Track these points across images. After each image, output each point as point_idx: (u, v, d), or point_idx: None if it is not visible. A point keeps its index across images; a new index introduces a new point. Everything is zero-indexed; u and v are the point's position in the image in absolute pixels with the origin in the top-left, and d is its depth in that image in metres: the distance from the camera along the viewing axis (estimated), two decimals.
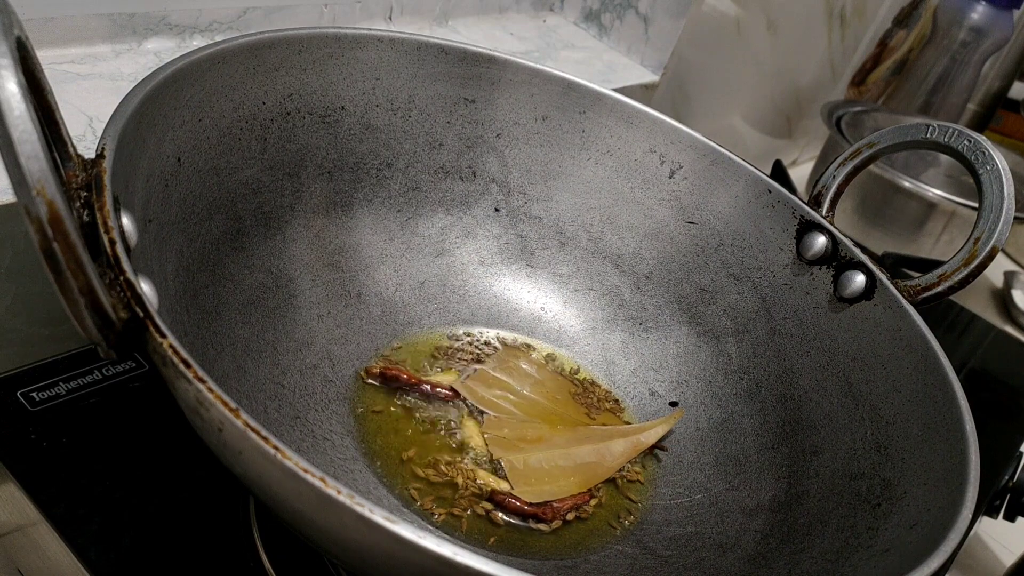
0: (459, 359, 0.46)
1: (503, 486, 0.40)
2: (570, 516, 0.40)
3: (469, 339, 0.47)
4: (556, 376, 0.47)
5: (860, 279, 0.43)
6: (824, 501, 0.38)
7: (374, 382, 0.42)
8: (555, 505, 0.39)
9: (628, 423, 0.46)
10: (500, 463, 0.41)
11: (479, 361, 0.46)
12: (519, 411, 0.44)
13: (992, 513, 0.57)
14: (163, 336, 0.24)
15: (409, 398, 0.43)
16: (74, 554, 0.34)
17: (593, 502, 0.41)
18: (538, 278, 0.51)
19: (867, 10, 0.99)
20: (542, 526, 0.39)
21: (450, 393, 0.43)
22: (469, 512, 0.38)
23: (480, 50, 0.47)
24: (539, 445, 0.42)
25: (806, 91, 1.01)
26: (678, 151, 0.49)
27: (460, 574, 0.21)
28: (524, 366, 0.46)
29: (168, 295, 0.32)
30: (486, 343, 0.48)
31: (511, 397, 0.44)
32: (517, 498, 0.39)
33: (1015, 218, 0.41)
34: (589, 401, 0.46)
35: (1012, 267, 0.98)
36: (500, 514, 0.38)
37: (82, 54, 0.48)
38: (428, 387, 0.43)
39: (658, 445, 0.45)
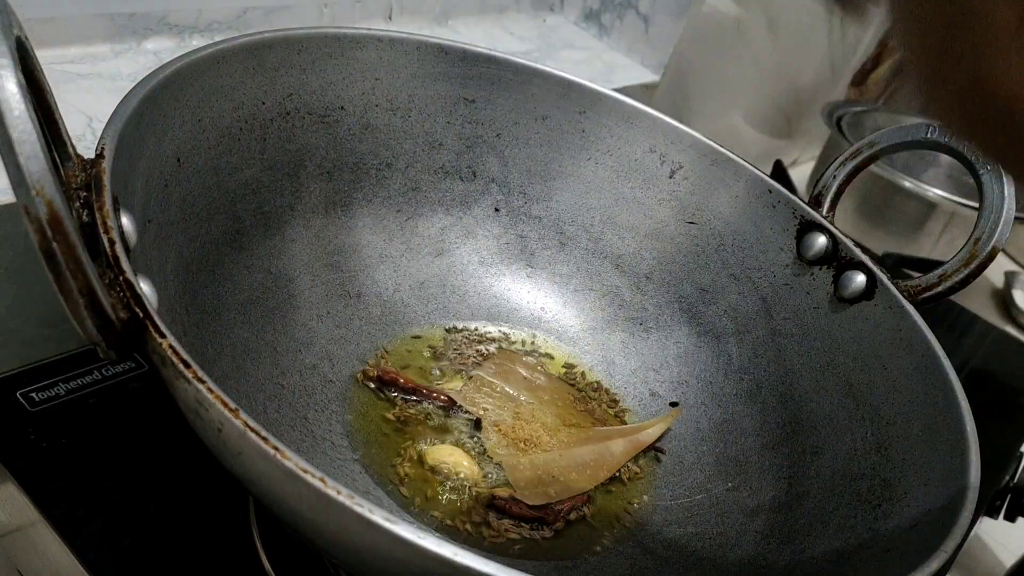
0: (458, 360, 0.46)
1: (503, 491, 0.40)
2: (573, 516, 0.40)
3: (469, 339, 0.47)
4: (553, 378, 0.47)
5: (860, 279, 0.43)
6: (824, 501, 0.38)
7: (371, 385, 0.42)
8: (555, 507, 0.39)
9: (627, 424, 0.46)
10: (500, 466, 0.41)
11: (478, 363, 0.46)
12: (517, 415, 0.44)
13: (993, 514, 0.57)
14: (162, 336, 0.24)
15: (407, 401, 0.42)
16: (74, 554, 0.34)
17: (593, 508, 0.41)
18: (538, 278, 0.50)
19: (868, 10, 0.99)
20: (545, 530, 0.39)
21: (447, 400, 0.43)
22: (469, 515, 0.38)
23: (480, 50, 0.47)
24: (539, 448, 0.42)
25: (806, 91, 1.01)
26: (678, 151, 0.49)
27: (459, 574, 0.21)
28: (521, 370, 0.46)
29: (168, 295, 0.32)
30: (485, 343, 0.48)
31: (509, 402, 0.44)
32: (519, 502, 0.39)
33: (1015, 218, 0.41)
34: (588, 402, 0.46)
35: (1013, 267, 0.98)
36: (502, 519, 0.38)
37: (82, 54, 0.48)
38: (424, 391, 0.43)
39: (657, 447, 0.44)
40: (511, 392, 0.45)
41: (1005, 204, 0.40)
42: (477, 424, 0.42)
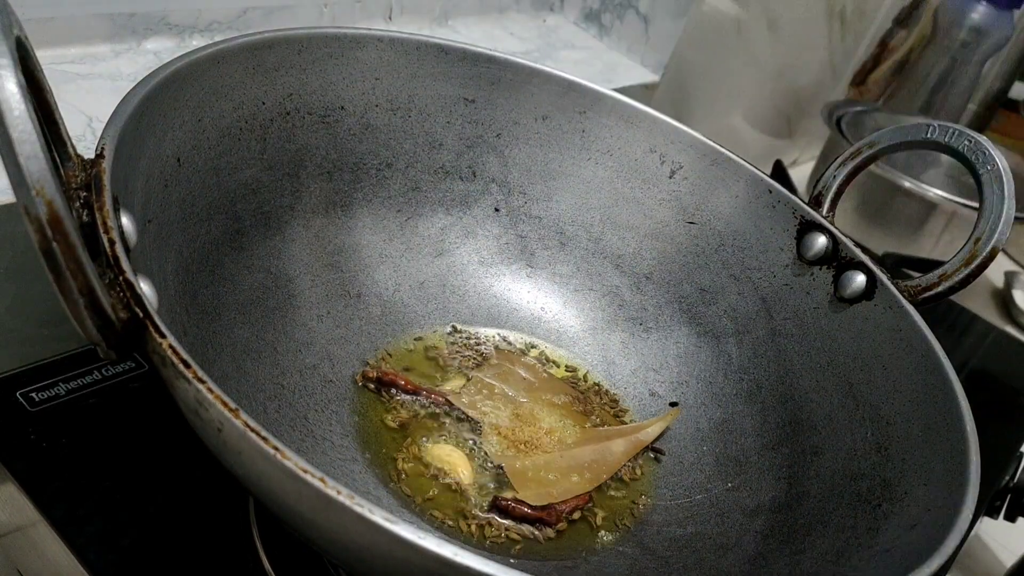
0: (458, 361, 0.46)
1: (505, 492, 0.40)
2: (575, 516, 0.40)
3: (468, 339, 0.47)
4: (553, 379, 0.47)
5: (860, 279, 0.43)
6: (824, 502, 0.38)
7: (370, 387, 0.42)
8: (558, 507, 0.39)
9: (627, 424, 0.46)
10: (501, 467, 0.41)
11: (478, 364, 0.46)
12: (517, 416, 0.44)
13: (993, 513, 0.57)
14: (162, 336, 0.24)
15: (407, 402, 0.42)
16: (73, 555, 0.34)
17: (595, 506, 0.41)
18: (538, 278, 0.50)
19: (867, 10, 0.99)
20: (548, 530, 0.39)
21: (447, 401, 0.43)
22: (470, 516, 0.38)
23: (480, 50, 0.47)
24: (539, 449, 0.42)
25: (806, 91, 1.01)
26: (678, 151, 0.49)
27: (460, 574, 0.21)
28: (520, 371, 0.46)
29: (168, 295, 0.32)
30: (485, 344, 0.48)
31: (508, 404, 0.44)
32: (521, 502, 0.39)
33: (1015, 218, 0.41)
34: (588, 403, 0.46)
35: (1013, 267, 0.98)
36: (504, 519, 0.38)
37: (82, 54, 0.48)
38: (424, 392, 0.43)
39: (656, 448, 0.44)
40: (510, 393, 0.45)
41: (1005, 204, 0.40)
42: (477, 426, 0.42)
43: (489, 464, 0.41)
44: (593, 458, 0.42)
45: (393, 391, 0.42)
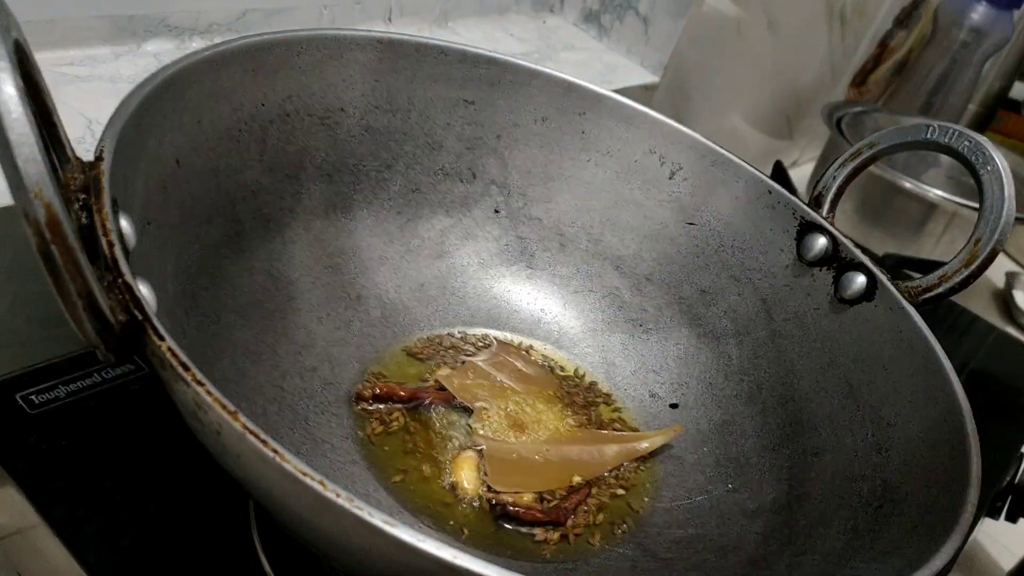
0: (457, 362, 0.46)
1: (509, 497, 0.39)
2: (584, 508, 0.40)
3: (468, 341, 0.47)
4: (550, 373, 0.47)
5: (861, 280, 0.43)
6: (825, 503, 0.38)
7: (368, 406, 0.41)
8: (563, 506, 0.39)
9: (624, 424, 0.46)
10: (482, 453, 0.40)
11: (474, 354, 0.46)
12: (514, 404, 0.43)
13: (994, 514, 0.57)
14: (161, 339, 0.24)
15: (407, 409, 0.42)
16: (73, 556, 0.34)
17: (594, 504, 0.41)
18: (538, 280, 0.50)
19: (867, 10, 0.99)
20: (560, 531, 0.38)
21: (443, 395, 0.43)
22: (471, 515, 0.38)
23: (480, 51, 0.47)
24: (522, 437, 0.42)
25: (806, 91, 1.01)
26: (678, 152, 0.49)
27: None
28: (517, 362, 0.46)
29: (167, 297, 0.32)
30: (486, 345, 0.47)
31: (502, 391, 0.44)
32: (529, 508, 0.39)
33: (1016, 219, 0.41)
34: (588, 405, 0.46)
35: (1013, 268, 0.98)
36: (509, 524, 0.38)
37: (81, 56, 0.48)
38: (422, 395, 0.42)
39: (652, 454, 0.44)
40: (506, 382, 0.44)
41: (1005, 204, 0.40)
42: (466, 411, 0.42)
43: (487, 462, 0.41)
44: (581, 457, 0.42)
45: (393, 402, 0.42)
